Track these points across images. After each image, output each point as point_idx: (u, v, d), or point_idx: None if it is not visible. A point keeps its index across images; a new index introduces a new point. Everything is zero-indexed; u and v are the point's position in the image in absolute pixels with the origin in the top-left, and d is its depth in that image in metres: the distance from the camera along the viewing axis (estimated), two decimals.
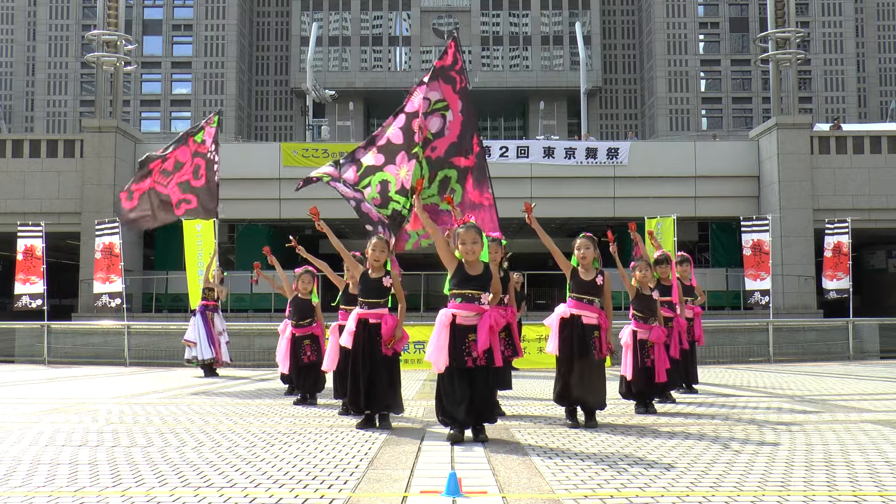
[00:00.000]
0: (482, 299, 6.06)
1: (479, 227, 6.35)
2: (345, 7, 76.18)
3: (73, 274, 29.21)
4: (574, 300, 7.02)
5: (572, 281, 7.08)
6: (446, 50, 9.00)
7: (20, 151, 29.15)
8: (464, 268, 6.10)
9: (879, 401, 9.33)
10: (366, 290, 6.77)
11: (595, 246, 7.06)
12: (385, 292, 6.79)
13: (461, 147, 8.67)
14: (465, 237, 6.10)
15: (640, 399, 8.03)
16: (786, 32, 31.26)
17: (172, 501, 4.11)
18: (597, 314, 6.96)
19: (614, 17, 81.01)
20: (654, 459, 5.26)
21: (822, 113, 69.10)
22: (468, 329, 5.98)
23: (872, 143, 29.42)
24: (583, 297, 6.98)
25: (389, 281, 6.77)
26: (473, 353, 5.93)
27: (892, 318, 22.37)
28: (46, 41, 74.80)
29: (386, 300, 6.84)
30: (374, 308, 6.73)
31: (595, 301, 6.99)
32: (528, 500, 4.13)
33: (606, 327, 6.96)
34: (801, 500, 4.08)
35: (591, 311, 6.95)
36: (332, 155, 29.82)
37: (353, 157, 9.07)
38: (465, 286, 6.06)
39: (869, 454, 5.43)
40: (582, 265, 7.06)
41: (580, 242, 7.08)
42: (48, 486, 4.53)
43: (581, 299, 6.99)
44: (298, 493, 4.30)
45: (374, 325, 6.67)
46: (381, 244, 6.83)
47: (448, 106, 8.67)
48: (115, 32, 30.59)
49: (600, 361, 7.01)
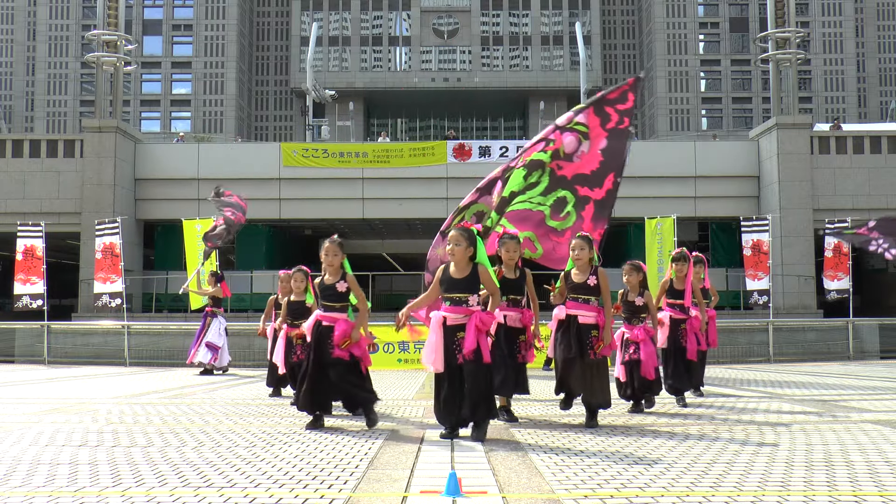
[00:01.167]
0: (469, 301, 6.12)
1: (469, 231, 6.25)
2: (345, 7, 76.20)
3: (73, 274, 29.20)
4: (571, 300, 7.04)
5: (565, 283, 7.10)
6: (621, 85, 8.45)
7: (20, 151, 29.15)
8: (449, 272, 6.19)
9: (879, 401, 9.33)
10: (322, 294, 6.87)
11: (590, 246, 7.04)
12: (341, 297, 6.79)
13: (591, 181, 8.26)
14: (450, 238, 6.20)
15: (631, 399, 8.01)
16: (786, 32, 31.26)
17: (172, 501, 4.11)
18: (595, 312, 6.95)
19: (614, 17, 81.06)
20: (655, 459, 5.26)
21: (821, 113, 69.13)
22: (458, 328, 6.08)
23: (872, 144, 29.42)
24: (578, 297, 7.00)
25: (345, 285, 6.76)
26: (463, 349, 6.00)
27: (892, 319, 22.39)
28: (46, 41, 74.82)
29: (344, 304, 6.83)
30: (329, 311, 6.80)
31: (592, 300, 6.98)
32: (528, 500, 4.13)
33: (604, 325, 6.94)
34: (802, 500, 4.08)
35: (587, 311, 6.95)
36: (331, 155, 29.88)
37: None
38: (452, 290, 6.16)
39: (869, 454, 5.43)
40: (577, 266, 7.06)
41: (574, 244, 7.09)
42: (48, 486, 4.53)
43: (577, 299, 7.01)
44: (298, 492, 4.30)
45: (325, 328, 6.76)
46: (334, 248, 6.76)
47: (588, 135, 8.21)
48: (115, 32, 30.59)
49: (601, 361, 6.99)
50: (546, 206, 8.19)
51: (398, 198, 29.58)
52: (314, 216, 30.68)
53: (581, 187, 8.20)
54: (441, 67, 75.35)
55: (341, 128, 55.95)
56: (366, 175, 29.41)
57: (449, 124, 74.57)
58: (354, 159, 29.54)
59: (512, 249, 7.22)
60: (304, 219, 31.12)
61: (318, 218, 30.95)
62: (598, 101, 8.24)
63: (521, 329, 7.27)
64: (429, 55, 75.53)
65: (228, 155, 31.49)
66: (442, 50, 75.76)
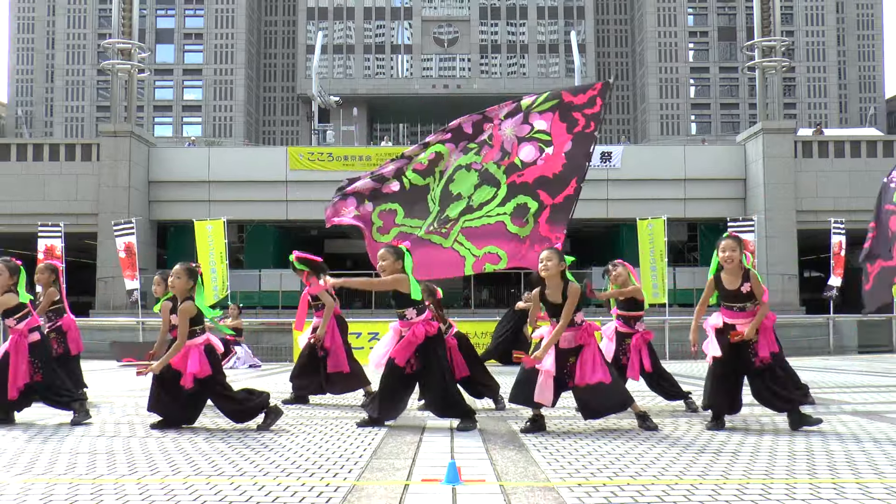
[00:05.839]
0: (407, 315, 6.30)
1: (397, 248, 6.39)
2: (349, 17, 76.12)
3: (90, 273, 29.21)
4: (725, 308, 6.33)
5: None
6: (587, 89, 8.04)
7: (40, 155, 29.18)
8: (396, 290, 6.34)
9: (858, 393, 9.36)
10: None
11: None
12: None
13: (553, 186, 7.80)
14: (379, 256, 6.39)
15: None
16: (771, 41, 31.27)
17: (185, 488, 4.13)
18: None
19: (608, 26, 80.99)
20: (645, 450, 5.28)
21: (805, 118, 69.11)
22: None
23: (853, 148, 29.47)
24: (733, 306, 6.25)
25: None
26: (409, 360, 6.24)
27: (870, 316, 22.39)
28: (65, 50, 74.82)
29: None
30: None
31: (747, 306, 6.22)
32: (524, 488, 4.16)
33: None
34: (784, 487, 4.11)
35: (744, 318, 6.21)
36: (336, 158, 29.87)
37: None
38: (395, 306, 6.42)
39: (847, 444, 5.46)
40: (727, 270, 6.23)
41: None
42: (69, 473, 4.56)
43: (732, 308, 6.26)
44: (305, 481, 4.32)
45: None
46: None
47: (551, 142, 7.86)
48: (129, 41, 30.58)
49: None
50: (506, 215, 7.83)
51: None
52: (320, 217, 30.44)
53: (543, 192, 7.81)
54: (441, 74, 75.30)
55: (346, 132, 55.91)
56: None
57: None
58: (358, 162, 29.53)
59: (549, 259, 6.16)
60: (310, 220, 31.09)
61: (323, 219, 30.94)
62: (563, 105, 7.91)
63: (573, 350, 6.09)
64: (429, 63, 75.45)
65: (238, 158, 31.51)
66: (442, 58, 75.70)
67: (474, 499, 3.90)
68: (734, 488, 4.10)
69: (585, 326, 6.14)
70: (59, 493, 4.05)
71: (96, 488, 4.16)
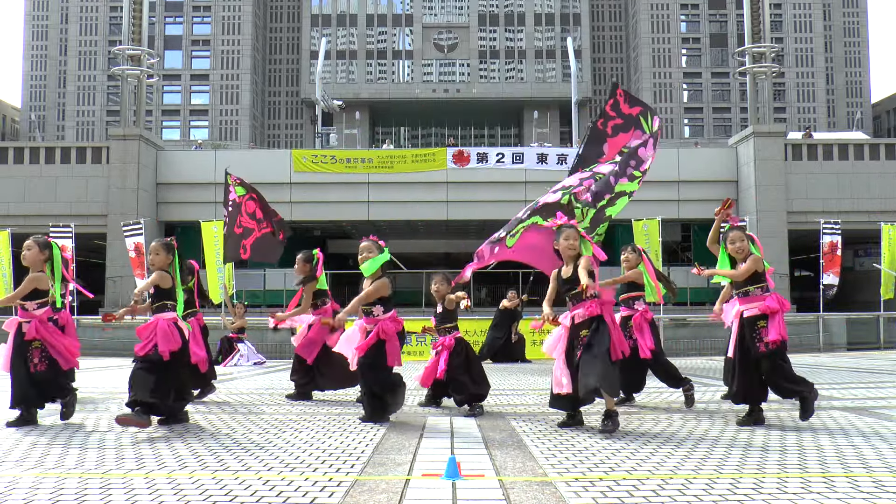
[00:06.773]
0: (373, 312, 6.40)
1: (378, 244, 6.53)
2: (352, 23, 76.13)
3: (100, 272, 29.19)
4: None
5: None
6: (609, 98, 8.94)
7: (52, 158, 29.17)
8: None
9: (847, 390, 9.34)
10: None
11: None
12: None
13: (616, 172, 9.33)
14: (361, 248, 6.53)
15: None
16: (761, 47, 31.24)
17: (191, 483, 4.12)
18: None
19: (603, 32, 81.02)
20: (641, 445, 5.26)
21: (794, 122, 69.15)
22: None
23: (840, 151, 29.47)
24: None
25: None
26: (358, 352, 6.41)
27: (859, 314, 22.39)
28: (76, 56, 74.87)
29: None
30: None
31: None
32: (522, 483, 4.14)
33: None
34: (776, 481, 4.09)
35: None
36: (339, 161, 29.84)
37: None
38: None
39: (837, 439, 5.44)
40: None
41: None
42: (78, 468, 4.54)
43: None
44: (308, 475, 4.30)
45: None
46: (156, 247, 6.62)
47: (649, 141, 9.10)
48: (138, 47, 30.58)
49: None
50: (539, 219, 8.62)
51: (402, 200, 29.57)
52: (323, 218, 30.66)
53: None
54: (441, 79, 75.31)
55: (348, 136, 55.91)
56: (371, 180, 29.41)
57: (449, 132, 74.49)
58: (361, 165, 29.52)
59: (572, 237, 5.93)
60: (314, 220, 31.09)
61: (327, 220, 30.94)
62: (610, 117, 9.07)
63: (585, 323, 5.82)
64: (430, 68, 75.46)
65: (243, 161, 31.41)
66: (442, 63, 75.70)
67: (474, 493, 3.88)
68: (727, 482, 4.08)
69: (600, 300, 5.80)
70: (69, 486, 4.03)
71: (104, 482, 4.14)
